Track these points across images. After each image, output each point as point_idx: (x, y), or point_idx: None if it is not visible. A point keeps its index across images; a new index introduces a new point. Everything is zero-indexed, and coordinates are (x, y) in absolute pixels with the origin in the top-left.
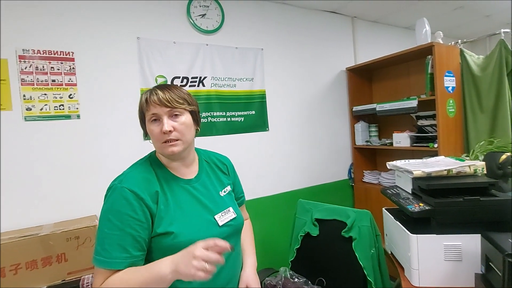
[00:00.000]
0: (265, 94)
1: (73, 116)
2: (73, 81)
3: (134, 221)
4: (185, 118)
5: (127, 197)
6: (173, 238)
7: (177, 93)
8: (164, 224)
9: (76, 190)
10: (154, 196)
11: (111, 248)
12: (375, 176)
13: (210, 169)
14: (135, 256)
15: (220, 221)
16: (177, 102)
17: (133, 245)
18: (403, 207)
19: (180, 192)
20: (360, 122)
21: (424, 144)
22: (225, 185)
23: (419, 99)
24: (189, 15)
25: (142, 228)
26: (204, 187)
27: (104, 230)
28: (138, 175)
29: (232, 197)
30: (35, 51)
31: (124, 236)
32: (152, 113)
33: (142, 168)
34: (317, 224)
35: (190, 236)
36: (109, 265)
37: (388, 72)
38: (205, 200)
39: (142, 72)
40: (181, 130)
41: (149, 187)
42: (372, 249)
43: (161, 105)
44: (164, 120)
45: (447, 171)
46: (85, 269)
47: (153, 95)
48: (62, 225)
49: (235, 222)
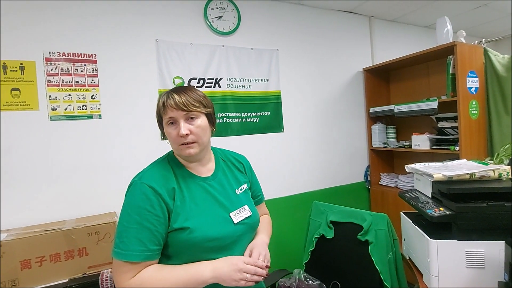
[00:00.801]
0: (280, 95)
1: (95, 116)
2: (95, 82)
3: (152, 216)
4: (201, 121)
5: (145, 192)
6: (189, 233)
7: (193, 96)
8: (180, 219)
9: (97, 187)
10: (171, 192)
11: (128, 241)
12: (392, 179)
13: (226, 168)
14: (151, 249)
15: (235, 219)
16: (193, 106)
17: (150, 239)
18: (422, 211)
19: (196, 189)
20: (377, 123)
21: (445, 146)
22: (241, 183)
23: (439, 100)
24: (206, 17)
25: (159, 223)
26: (220, 185)
27: (123, 223)
28: (156, 172)
29: (248, 195)
30: (60, 53)
31: (141, 229)
32: (169, 116)
33: (161, 165)
34: (332, 226)
35: (205, 232)
36: (126, 257)
37: (407, 72)
38: (221, 197)
39: (160, 73)
40: (197, 133)
41: (166, 183)
42: (389, 254)
43: (178, 109)
44: (180, 124)
45: (469, 175)
46: (105, 264)
47: (170, 99)
48: (84, 220)
49: (250, 220)
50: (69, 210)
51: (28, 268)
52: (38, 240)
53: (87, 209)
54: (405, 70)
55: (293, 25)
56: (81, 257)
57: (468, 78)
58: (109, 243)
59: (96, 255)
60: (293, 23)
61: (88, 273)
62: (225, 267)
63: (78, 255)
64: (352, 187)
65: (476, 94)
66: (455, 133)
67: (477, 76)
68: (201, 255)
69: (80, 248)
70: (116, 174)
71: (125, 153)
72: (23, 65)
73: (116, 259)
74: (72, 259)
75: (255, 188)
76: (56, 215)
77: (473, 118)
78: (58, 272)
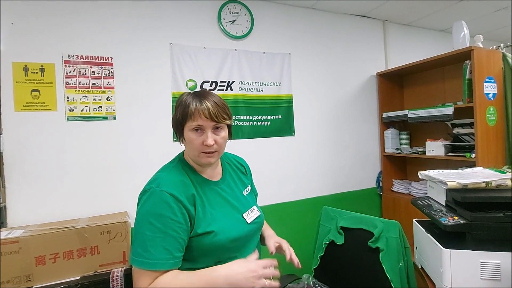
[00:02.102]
0: (292, 98)
1: (110, 117)
2: (111, 84)
3: (175, 224)
4: (225, 133)
5: (167, 200)
6: (213, 237)
7: (222, 107)
8: (203, 224)
9: (110, 187)
10: (191, 198)
11: (154, 250)
12: (405, 185)
13: (232, 171)
14: (176, 257)
15: (248, 219)
16: (222, 118)
17: (175, 247)
18: (435, 219)
19: (211, 194)
20: (390, 128)
21: (460, 153)
22: (246, 185)
23: (455, 106)
24: (219, 21)
25: (182, 230)
26: (229, 188)
27: (146, 232)
28: (175, 179)
29: (253, 196)
30: (78, 56)
31: (166, 238)
32: (197, 124)
33: (176, 171)
34: (342, 232)
35: (228, 234)
36: (153, 266)
37: (421, 77)
38: (232, 200)
39: (173, 76)
40: (220, 144)
41: (186, 190)
42: (400, 262)
43: (210, 119)
44: (208, 134)
45: (485, 183)
46: (116, 262)
47: (203, 107)
48: (96, 219)
49: (259, 219)
50: (83, 209)
51: (43, 264)
52: (52, 237)
53: (100, 208)
54: (419, 74)
55: (305, 29)
56: (93, 255)
57: (485, 84)
58: (120, 242)
59: (108, 253)
60: (305, 27)
61: (99, 271)
62: (240, 274)
63: (90, 253)
64: (363, 192)
65: (493, 100)
66: (471, 140)
67: (495, 82)
68: (222, 255)
69: (92, 246)
70: (129, 174)
71: (138, 154)
72: (43, 67)
73: (139, 268)
74: (84, 257)
75: (252, 188)
76: (70, 213)
77: (491, 125)
78: (71, 269)
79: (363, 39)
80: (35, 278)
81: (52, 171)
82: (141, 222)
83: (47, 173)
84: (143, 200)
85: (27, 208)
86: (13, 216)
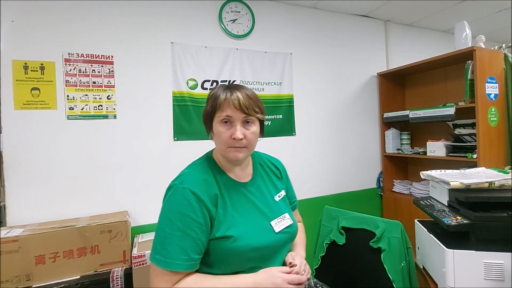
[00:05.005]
0: (293, 98)
1: (110, 116)
2: (112, 83)
3: (195, 223)
4: (256, 128)
5: (188, 198)
6: (232, 242)
7: (254, 100)
8: (223, 228)
9: (110, 186)
10: (214, 199)
11: (171, 249)
12: (406, 186)
13: (264, 173)
14: (193, 259)
15: (277, 228)
16: (254, 111)
17: (193, 248)
18: (438, 219)
19: (237, 196)
20: (391, 129)
21: (462, 154)
22: (279, 189)
23: (457, 107)
24: (220, 20)
25: (201, 231)
26: (259, 191)
27: (165, 229)
28: (198, 177)
29: (287, 202)
30: (79, 54)
31: (184, 237)
32: (226, 114)
33: (201, 169)
34: (343, 232)
35: (249, 241)
36: (169, 266)
37: (423, 77)
38: (261, 204)
39: (174, 75)
40: (250, 139)
41: (208, 189)
42: (402, 262)
43: (240, 110)
44: (237, 126)
45: (488, 183)
46: (116, 262)
47: (233, 97)
48: (97, 218)
49: (290, 229)
50: (83, 208)
51: (42, 264)
52: (52, 236)
53: (101, 207)
54: (421, 75)
55: (307, 29)
56: (93, 254)
57: (487, 84)
58: (120, 241)
59: (108, 253)
60: (307, 27)
61: (100, 270)
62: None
63: (91, 252)
64: (364, 193)
65: (495, 101)
66: (473, 140)
67: (497, 82)
68: (243, 264)
69: (92, 245)
70: (130, 173)
71: (138, 153)
72: (43, 66)
73: (157, 266)
74: (85, 256)
75: (290, 195)
76: (70, 212)
77: (492, 125)
78: (71, 268)
79: (364, 39)
80: (34, 277)
81: (52, 170)
82: (162, 218)
83: (47, 171)
84: (166, 197)
85: (27, 207)
86: (13, 215)
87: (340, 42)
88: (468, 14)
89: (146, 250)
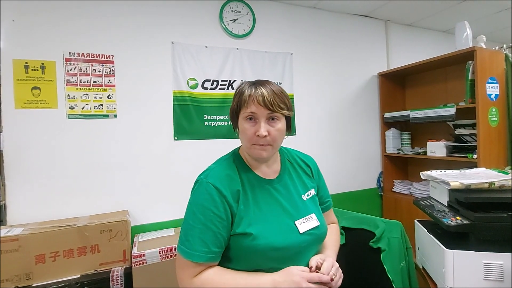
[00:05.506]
0: (293, 98)
1: (111, 115)
2: (112, 82)
3: (216, 217)
4: (281, 124)
5: (211, 192)
6: (252, 240)
7: (280, 95)
8: (243, 224)
9: (111, 185)
10: (236, 194)
11: (193, 240)
12: (406, 186)
13: (293, 170)
14: (213, 252)
15: (301, 228)
16: (279, 107)
17: (213, 241)
18: (438, 220)
19: (261, 193)
20: (392, 129)
21: (462, 154)
22: (308, 188)
23: (457, 107)
24: (221, 20)
25: (222, 225)
26: (286, 188)
27: (189, 221)
28: (222, 172)
29: (316, 202)
30: (79, 54)
31: (205, 230)
32: (250, 111)
33: (226, 164)
34: (343, 232)
35: (269, 240)
36: (190, 257)
37: (423, 77)
38: (286, 203)
39: (175, 75)
40: (274, 136)
41: (231, 185)
42: (402, 262)
43: (264, 106)
44: (261, 123)
45: (488, 184)
46: (116, 261)
47: (258, 93)
48: (97, 218)
49: (317, 231)
50: (83, 207)
51: (43, 263)
52: (53, 236)
53: (101, 206)
54: (421, 75)
55: (307, 29)
56: (93, 253)
57: (488, 84)
58: (120, 241)
59: (108, 252)
60: (307, 27)
61: (100, 269)
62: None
63: (91, 251)
64: (364, 193)
65: (496, 101)
66: (473, 140)
67: (498, 83)
68: (263, 263)
69: (92, 245)
70: (130, 172)
71: (139, 152)
72: (44, 65)
73: (181, 257)
74: (85, 255)
75: (322, 193)
76: (71, 212)
77: (493, 126)
78: (71, 267)
79: (365, 39)
80: (35, 276)
81: (52, 169)
82: (187, 210)
83: (47, 171)
84: (193, 190)
85: (27, 206)
86: (13, 214)
87: (340, 42)
88: (468, 14)
89: (146, 250)
